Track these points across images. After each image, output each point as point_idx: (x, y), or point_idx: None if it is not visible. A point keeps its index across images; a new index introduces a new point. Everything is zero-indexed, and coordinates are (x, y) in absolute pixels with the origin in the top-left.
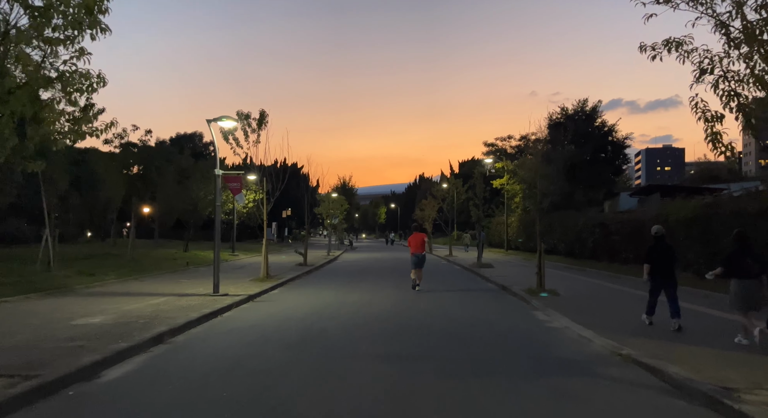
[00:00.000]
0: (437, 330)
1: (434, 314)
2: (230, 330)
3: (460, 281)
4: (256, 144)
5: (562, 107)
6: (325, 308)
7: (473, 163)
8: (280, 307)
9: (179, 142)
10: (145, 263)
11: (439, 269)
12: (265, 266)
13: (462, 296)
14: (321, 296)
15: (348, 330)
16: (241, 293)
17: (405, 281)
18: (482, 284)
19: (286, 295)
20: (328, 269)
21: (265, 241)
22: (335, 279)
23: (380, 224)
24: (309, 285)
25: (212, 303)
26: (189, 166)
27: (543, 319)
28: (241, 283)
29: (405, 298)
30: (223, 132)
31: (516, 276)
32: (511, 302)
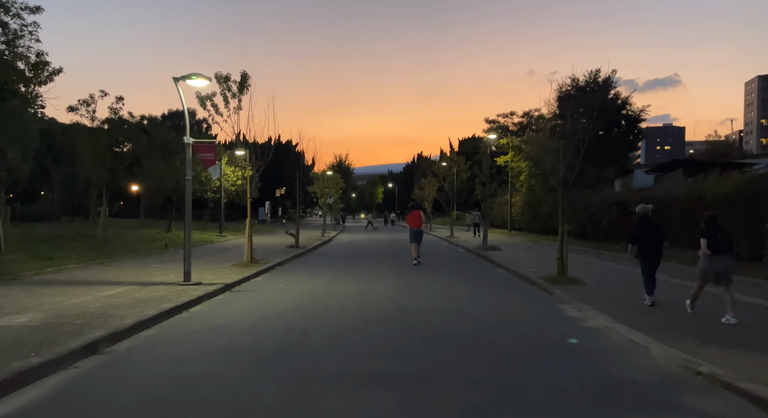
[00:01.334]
0: (450, 335)
1: (444, 311)
2: (191, 333)
3: (466, 266)
4: (237, 111)
5: (572, 78)
6: (312, 301)
7: (474, 140)
8: (260, 300)
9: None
10: (118, 245)
11: (442, 252)
12: (249, 249)
13: (473, 285)
14: (309, 285)
15: (337, 335)
16: (217, 281)
17: (405, 266)
18: (492, 270)
19: (269, 283)
20: (322, 252)
21: (249, 221)
22: (328, 264)
23: (377, 203)
24: (298, 271)
25: (178, 295)
26: (170, 139)
27: (575, 316)
28: (220, 268)
29: (406, 288)
30: (199, 97)
31: (528, 260)
32: (531, 292)
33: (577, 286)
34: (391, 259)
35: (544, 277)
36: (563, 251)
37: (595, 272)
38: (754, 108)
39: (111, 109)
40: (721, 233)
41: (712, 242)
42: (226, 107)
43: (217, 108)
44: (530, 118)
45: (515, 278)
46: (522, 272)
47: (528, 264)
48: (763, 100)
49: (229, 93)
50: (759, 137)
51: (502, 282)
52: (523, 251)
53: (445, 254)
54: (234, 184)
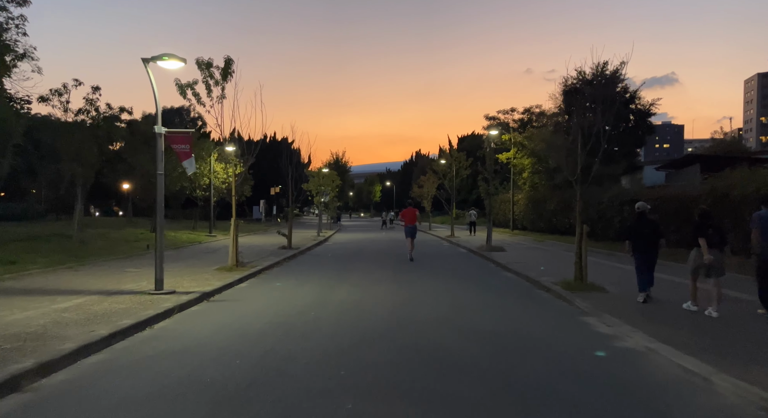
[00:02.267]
0: (464, 361)
1: (453, 327)
2: (146, 360)
3: (471, 269)
4: (220, 100)
5: (579, 71)
6: (301, 313)
7: (474, 138)
8: (240, 312)
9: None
10: (96, 247)
11: (443, 254)
12: (234, 251)
13: (481, 292)
14: (298, 293)
15: (325, 362)
16: (194, 289)
17: (404, 268)
18: (500, 274)
19: (253, 291)
20: (315, 254)
21: (234, 221)
22: (321, 267)
23: (375, 202)
24: (287, 275)
25: (144, 307)
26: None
27: (606, 333)
28: (202, 273)
29: (407, 295)
30: (179, 85)
31: (536, 262)
32: (548, 302)
33: (599, 293)
34: (390, 260)
35: (559, 282)
36: (582, 254)
37: (612, 276)
38: (753, 105)
39: (86, 100)
40: (714, 228)
41: (705, 235)
42: (208, 96)
43: (199, 97)
44: (531, 114)
45: (526, 284)
46: (533, 277)
47: (537, 267)
48: (763, 98)
49: (211, 80)
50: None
51: (512, 288)
52: (529, 252)
53: (447, 256)
54: (225, 182)
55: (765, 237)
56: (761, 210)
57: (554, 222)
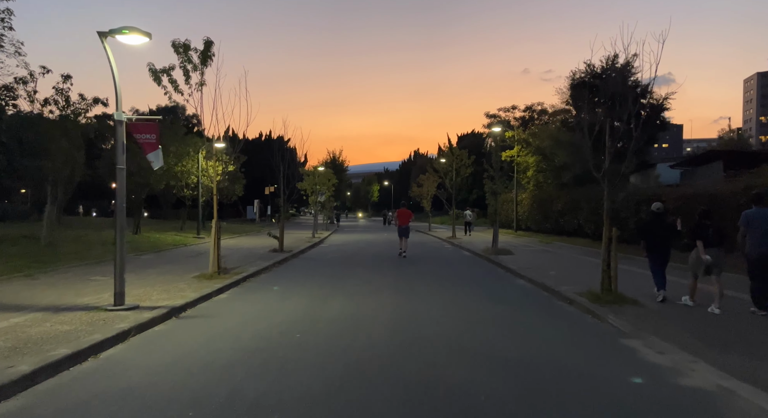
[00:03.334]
0: (489, 406)
1: (468, 352)
2: (75, 407)
3: (478, 275)
4: (199, 88)
5: (588, 64)
6: (283, 335)
7: (474, 136)
8: (210, 333)
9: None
10: (66, 250)
11: (446, 257)
12: (216, 256)
13: (494, 304)
14: (284, 307)
15: (308, 407)
16: (162, 302)
17: (406, 274)
18: (512, 282)
19: (233, 304)
20: (309, 257)
21: (216, 223)
22: (313, 273)
23: (373, 202)
24: (275, 283)
25: (93, 329)
26: None
27: (660, 363)
28: (177, 282)
29: (410, 309)
30: (152, 69)
31: (549, 268)
32: (575, 318)
33: (633, 307)
34: (389, 265)
35: (583, 293)
36: (611, 261)
37: (640, 284)
38: (753, 105)
39: (56, 90)
40: (713, 227)
41: (704, 235)
42: (186, 83)
43: (176, 84)
44: (533, 112)
45: (544, 294)
46: (551, 285)
47: (551, 273)
48: (763, 97)
49: (189, 65)
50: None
51: (529, 299)
52: (538, 255)
53: (450, 260)
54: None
55: (755, 236)
56: (751, 208)
57: (561, 223)
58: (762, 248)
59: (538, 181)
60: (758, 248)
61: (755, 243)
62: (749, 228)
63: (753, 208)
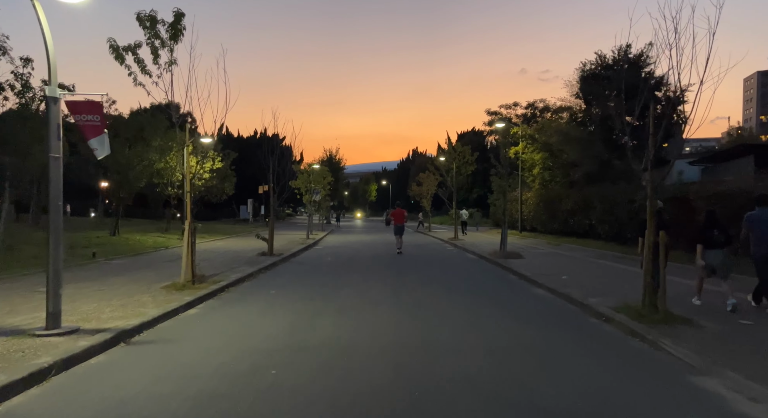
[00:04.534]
0: None
1: (496, 399)
2: None
3: (490, 283)
4: (169, 68)
5: (599, 54)
6: (253, 372)
7: (474, 134)
8: (159, 370)
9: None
10: (27, 255)
11: (451, 261)
12: (189, 263)
13: (516, 323)
14: (263, 327)
15: None
16: (112, 323)
17: (408, 282)
18: (529, 292)
19: (201, 324)
20: (300, 261)
21: (189, 225)
22: (303, 281)
23: (371, 201)
24: (256, 295)
25: (1, 366)
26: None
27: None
28: (140, 294)
29: (417, 332)
30: (113, 46)
31: (568, 274)
32: (620, 342)
33: (690, 328)
34: (389, 271)
35: (620, 308)
36: (660, 272)
37: (682, 295)
38: (753, 104)
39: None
40: (718, 228)
41: (709, 236)
42: (155, 63)
43: (143, 64)
44: (535, 109)
45: (571, 308)
46: (578, 297)
47: (572, 280)
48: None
49: (157, 41)
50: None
51: (557, 317)
52: (551, 260)
53: (456, 264)
54: (201, 178)
55: (758, 238)
56: (755, 211)
57: (571, 223)
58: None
59: (544, 179)
60: (764, 248)
61: (761, 243)
62: (753, 229)
63: (756, 209)
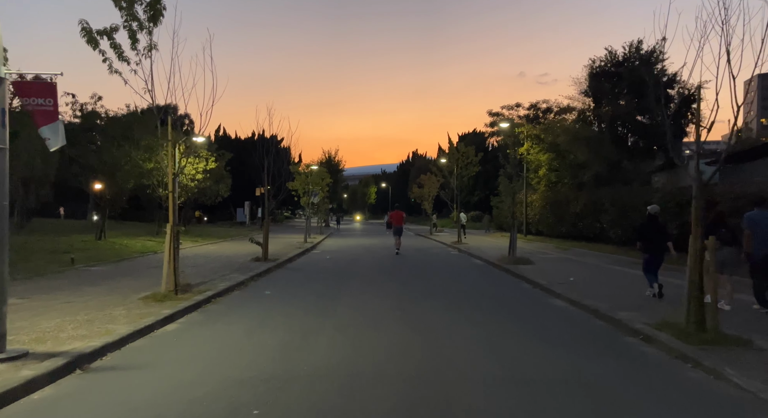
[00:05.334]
0: None
1: None
2: None
3: (502, 292)
4: (148, 53)
5: (609, 51)
6: (231, 414)
7: (475, 135)
8: (113, 408)
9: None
10: None
11: (456, 267)
12: (171, 271)
13: (546, 347)
14: (248, 349)
15: None
16: (70, 345)
17: (413, 295)
18: (548, 303)
19: (177, 344)
20: (296, 267)
21: (172, 228)
22: (298, 290)
23: (370, 204)
24: (245, 307)
25: None
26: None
27: None
28: (113, 307)
29: (431, 360)
30: (85, 28)
31: (585, 283)
32: (669, 369)
33: (748, 351)
34: (391, 279)
35: (660, 326)
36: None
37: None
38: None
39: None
40: (726, 227)
41: (718, 234)
42: (133, 48)
43: (120, 50)
44: (537, 110)
45: (599, 324)
46: (604, 311)
47: (592, 289)
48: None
49: (135, 23)
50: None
51: (587, 335)
52: (564, 266)
53: (463, 271)
54: (194, 179)
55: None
56: (753, 211)
57: (580, 226)
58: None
59: (550, 180)
60: (763, 249)
61: (760, 244)
62: (754, 231)
63: (755, 210)
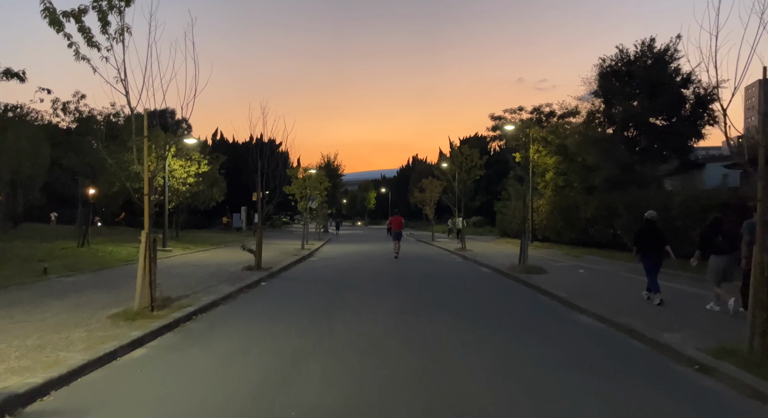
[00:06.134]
0: None
1: None
2: None
3: (520, 307)
4: (120, 37)
5: (620, 49)
6: None
7: (477, 139)
8: None
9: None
10: None
11: (464, 276)
12: (147, 284)
13: (581, 375)
14: (226, 383)
15: None
16: (1, 383)
17: (419, 311)
18: (573, 320)
19: (139, 377)
20: (291, 277)
21: (147, 236)
22: (290, 305)
23: (370, 209)
24: (228, 325)
25: None
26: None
27: None
28: (79, 326)
29: (449, 397)
30: (48, 9)
31: (609, 295)
32: (745, 412)
33: None
34: (394, 290)
35: (714, 350)
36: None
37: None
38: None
39: None
40: (723, 234)
41: (714, 242)
42: (103, 32)
43: (89, 34)
44: (540, 113)
45: (639, 346)
46: (642, 331)
47: (618, 303)
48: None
49: (104, 2)
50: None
51: (625, 361)
52: (579, 275)
53: (472, 281)
54: (185, 183)
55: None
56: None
57: (591, 232)
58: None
59: (558, 184)
60: None
61: None
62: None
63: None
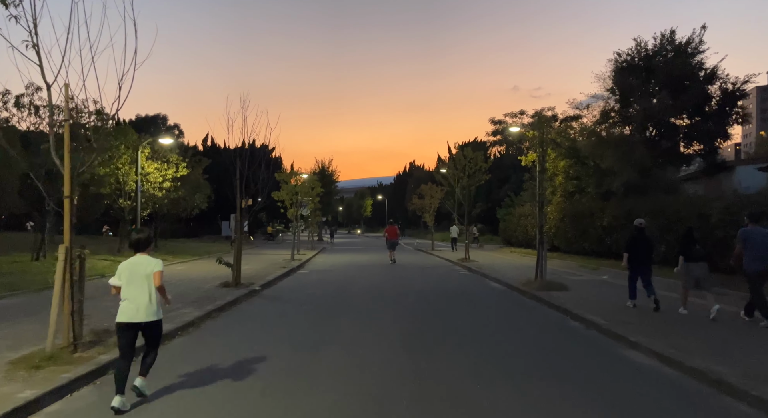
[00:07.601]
0: None
1: None
2: None
3: (546, 339)
4: None
5: (638, 42)
6: None
7: (476, 144)
8: None
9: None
10: None
11: (472, 293)
12: (68, 316)
13: None
14: None
15: None
16: None
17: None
18: (621, 359)
19: None
20: (274, 296)
21: (66, 250)
22: (266, 337)
23: (366, 217)
24: (176, 372)
25: None
26: None
27: None
28: None
29: None
30: None
31: (652, 317)
32: None
33: None
34: (394, 313)
35: None
36: None
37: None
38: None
39: None
40: (697, 244)
41: (689, 251)
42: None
43: None
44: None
45: (743, 410)
46: (738, 384)
47: (676, 334)
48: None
49: None
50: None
51: None
52: (606, 292)
53: (481, 299)
54: (161, 188)
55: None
56: (747, 226)
57: (608, 242)
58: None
59: (568, 190)
60: (759, 264)
61: (755, 259)
62: (747, 246)
63: (749, 226)
